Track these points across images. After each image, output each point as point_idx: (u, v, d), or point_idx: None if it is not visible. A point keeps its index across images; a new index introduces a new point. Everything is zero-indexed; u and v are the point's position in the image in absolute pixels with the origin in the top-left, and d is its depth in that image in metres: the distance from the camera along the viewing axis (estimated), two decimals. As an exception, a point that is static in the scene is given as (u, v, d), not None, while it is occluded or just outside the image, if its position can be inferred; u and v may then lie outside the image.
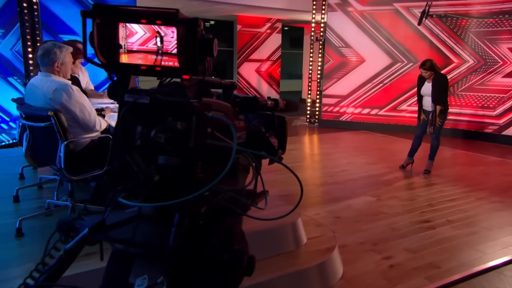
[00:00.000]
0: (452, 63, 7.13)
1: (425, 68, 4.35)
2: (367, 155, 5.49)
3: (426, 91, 4.48)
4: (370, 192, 3.81)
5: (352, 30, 7.68)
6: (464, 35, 6.97)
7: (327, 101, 8.01)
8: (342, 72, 7.86)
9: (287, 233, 2.69)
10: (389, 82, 7.57)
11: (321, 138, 7.03)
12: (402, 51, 7.43)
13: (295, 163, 4.88)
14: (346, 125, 7.81)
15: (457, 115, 7.20)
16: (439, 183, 4.25)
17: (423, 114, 4.58)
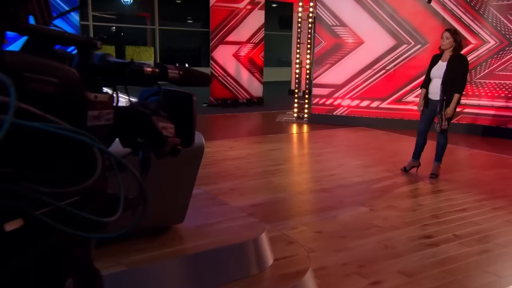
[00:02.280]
0: (469, 45, 7.09)
1: (450, 33, 4.25)
2: (363, 156, 5.53)
3: (437, 72, 4.34)
4: (362, 201, 3.80)
5: (349, 6, 7.65)
6: (483, 10, 6.93)
7: (318, 91, 7.98)
8: (336, 57, 7.83)
9: (247, 253, 2.56)
10: (393, 68, 7.54)
11: (310, 136, 7.11)
12: (408, 31, 7.38)
13: (274, 166, 4.88)
14: (341, 120, 7.82)
15: (474, 107, 7.18)
16: (447, 190, 4.23)
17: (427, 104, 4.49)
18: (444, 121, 4.31)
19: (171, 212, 2.44)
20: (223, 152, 5.50)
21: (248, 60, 9.94)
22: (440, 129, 4.35)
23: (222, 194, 3.82)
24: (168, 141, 0.93)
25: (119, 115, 0.86)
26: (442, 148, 4.49)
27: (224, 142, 6.12)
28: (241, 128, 7.73)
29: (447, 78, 4.25)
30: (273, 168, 4.78)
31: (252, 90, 10.10)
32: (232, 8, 9.47)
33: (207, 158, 5.15)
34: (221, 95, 9.73)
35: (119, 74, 0.88)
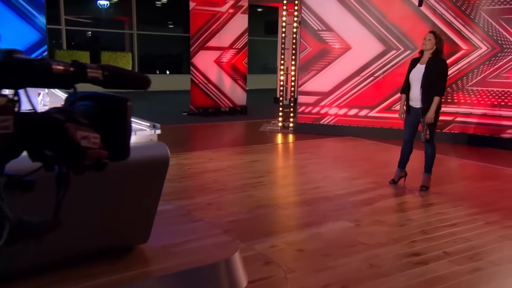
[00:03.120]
0: (460, 50, 7.15)
1: (434, 35, 4.32)
2: (350, 168, 5.55)
3: (416, 75, 4.39)
4: (347, 216, 3.77)
5: (335, 10, 7.68)
6: (474, 14, 7.01)
7: (304, 99, 7.98)
8: (323, 63, 7.84)
9: (218, 275, 2.48)
10: (382, 75, 7.58)
11: (295, 146, 7.14)
12: (397, 36, 7.42)
13: (255, 178, 4.84)
14: (328, 129, 7.84)
15: (466, 116, 7.20)
16: (437, 203, 4.20)
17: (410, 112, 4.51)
18: (426, 129, 4.31)
19: (133, 231, 2.32)
20: (202, 164, 5.44)
21: (231, 67, 9.96)
22: (424, 138, 4.36)
23: (197, 210, 3.75)
24: (89, 153, 0.82)
25: (22, 123, 0.75)
26: (430, 158, 4.49)
27: (204, 153, 6.07)
28: (223, 138, 7.69)
29: (426, 81, 4.29)
30: (254, 181, 4.73)
31: (235, 98, 10.10)
32: (214, 12, 9.49)
33: (184, 171, 5.12)
34: (202, 103, 9.69)
35: (25, 73, 0.77)
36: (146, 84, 1.00)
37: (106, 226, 2.12)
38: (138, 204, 2.23)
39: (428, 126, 4.31)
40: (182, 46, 9.82)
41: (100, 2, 14.55)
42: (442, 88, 4.32)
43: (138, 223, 2.29)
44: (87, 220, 1.99)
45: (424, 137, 4.35)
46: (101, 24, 15.22)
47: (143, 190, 2.21)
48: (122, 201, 2.15)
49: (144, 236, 2.37)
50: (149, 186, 2.23)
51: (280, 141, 7.35)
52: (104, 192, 2.02)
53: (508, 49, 6.80)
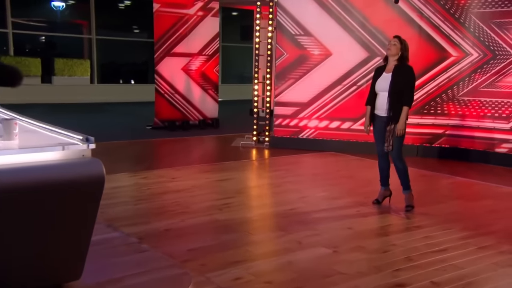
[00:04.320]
0: (449, 57, 7.22)
1: (399, 39, 4.39)
2: (330, 186, 5.52)
3: (382, 84, 4.46)
4: (324, 242, 3.70)
5: (314, 13, 7.70)
6: (464, 18, 7.10)
7: (281, 111, 7.96)
8: (301, 71, 7.84)
9: None
10: (366, 84, 7.58)
11: (270, 163, 7.11)
12: (381, 42, 7.45)
13: (223, 199, 4.78)
14: (307, 144, 7.82)
15: (457, 129, 7.24)
16: (425, 226, 4.15)
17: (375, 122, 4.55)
18: (391, 140, 4.35)
19: (61, 266, 2.12)
20: (163, 184, 5.33)
21: (201, 75, 9.95)
22: (387, 149, 4.39)
23: (151, 237, 3.62)
24: None
25: None
26: (404, 174, 4.51)
27: (166, 171, 5.98)
28: (189, 154, 7.58)
29: (393, 90, 4.35)
30: (220, 203, 4.64)
31: (205, 110, 10.08)
32: (180, 15, 9.47)
33: (142, 191, 5.01)
34: (168, 115, 9.61)
35: None
36: (15, 79, 0.85)
37: (27, 261, 1.91)
38: (67, 234, 2.04)
39: (394, 138, 4.35)
40: (148, 53, 9.76)
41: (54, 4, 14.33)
42: (411, 97, 4.39)
43: (67, 256, 2.09)
44: (1, 255, 1.79)
45: (386, 148, 4.39)
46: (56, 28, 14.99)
47: (73, 216, 2.02)
48: (46, 231, 1.95)
49: (75, 272, 2.18)
50: (80, 212, 2.04)
51: (254, 158, 7.33)
52: (22, 220, 1.83)
53: (500, 56, 6.88)
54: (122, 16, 16.43)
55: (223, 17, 17.77)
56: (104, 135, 8.58)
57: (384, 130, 4.44)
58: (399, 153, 4.43)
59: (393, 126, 4.34)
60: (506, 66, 6.82)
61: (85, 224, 2.07)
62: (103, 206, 4.33)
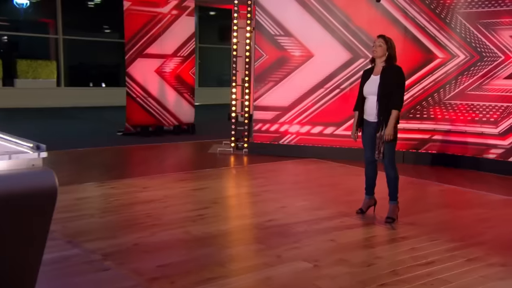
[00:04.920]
0: (435, 59, 7.28)
1: (384, 39, 4.36)
2: (311, 195, 5.50)
3: (370, 87, 4.44)
4: (305, 255, 3.66)
5: (294, 12, 7.72)
6: (450, 18, 7.18)
7: (261, 115, 7.95)
8: (281, 73, 7.85)
9: None
10: (349, 86, 7.63)
11: (249, 170, 7.08)
12: (365, 43, 7.51)
13: (197, 210, 4.71)
14: (288, 150, 7.83)
15: (444, 133, 7.30)
16: (411, 237, 4.14)
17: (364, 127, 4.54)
18: (381, 147, 4.32)
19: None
20: (133, 194, 5.24)
21: (176, 78, 9.91)
22: (377, 157, 4.37)
23: (117, 253, 3.53)
24: None
25: None
26: (394, 183, 4.48)
27: (137, 180, 5.90)
28: (163, 162, 7.50)
29: (382, 93, 4.32)
30: (195, 214, 4.57)
31: (181, 114, 10.03)
32: (153, 13, 9.43)
33: (109, 203, 4.92)
34: (140, 121, 9.54)
35: None
36: None
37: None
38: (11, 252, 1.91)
39: (385, 144, 4.32)
40: (120, 55, 9.71)
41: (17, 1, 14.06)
42: (400, 100, 4.37)
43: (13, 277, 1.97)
44: None
45: (377, 156, 4.37)
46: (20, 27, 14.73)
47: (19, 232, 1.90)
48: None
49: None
50: (27, 227, 1.92)
51: (232, 165, 7.31)
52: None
53: (488, 58, 6.96)
54: (92, 14, 16.27)
55: (200, 16, 17.77)
56: (71, 142, 8.48)
57: (373, 136, 4.42)
58: (392, 160, 4.40)
59: (383, 132, 4.31)
60: (494, 68, 6.90)
61: (34, 241, 1.95)
62: (64, 220, 4.27)
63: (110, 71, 16.86)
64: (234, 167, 7.20)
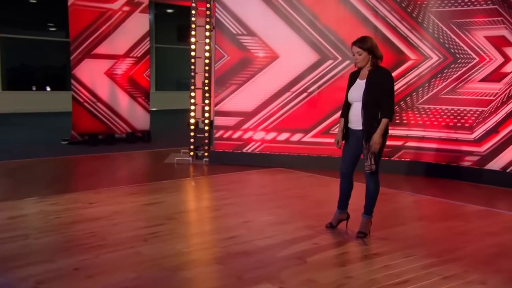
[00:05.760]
0: (407, 61, 7.36)
1: (360, 46, 4.30)
2: (277, 209, 5.47)
3: (356, 93, 4.40)
4: (269, 276, 3.61)
5: (257, 10, 7.72)
6: (422, 17, 7.29)
7: (222, 121, 7.93)
8: (244, 75, 7.82)
9: None
10: (317, 90, 7.66)
11: (210, 181, 7.09)
12: (334, 43, 7.54)
13: (149, 228, 4.62)
14: (252, 159, 7.85)
15: (417, 140, 7.37)
16: (385, 253, 4.12)
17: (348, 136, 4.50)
18: (371, 158, 4.26)
19: None
20: (76, 211, 5.09)
21: (128, 81, 9.83)
22: (369, 169, 4.30)
23: (54, 280, 3.37)
24: None
25: None
26: (373, 196, 4.46)
27: (83, 195, 5.76)
28: (113, 173, 7.38)
29: (368, 100, 4.27)
30: (147, 232, 4.47)
31: (134, 121, 9.94)
32: (102, 10, 9.32)
33: (48, 221, 4.75)
34: (88, 128, 9.39)
35: None
36: None
37: None
38: None
39: (373, 154, 4.26)
40: (67, 55, 9.56)
41: None
42: (390, 107, 4.29)
43: None
44: None
45: (369, 169, 4.29)
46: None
47: None
48: None
49: None
50: None
51: (191, 176, 7.25)
52: None
53: (462, 59, 7.08)
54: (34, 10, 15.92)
55: (156, 15, 17.64)
56: (7, 153, 8.22)
57: (357, 147, 4.37)
58: (375, 172, 4.34)
59: (369, 144, 4.23)
60: (468, 71, 7.02)
61: None
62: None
63: (56, 73, 16.66)
64: (193, 178, 7.13)
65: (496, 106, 6.75)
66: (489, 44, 6.83)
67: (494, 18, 6.73)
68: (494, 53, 6.76)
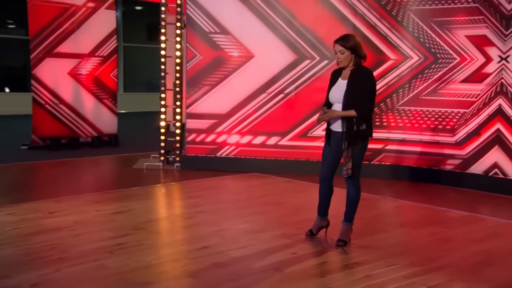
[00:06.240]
0: (387, 61, 7.41)
1: (342, 44, 4.28)
2: (253, 216, 5.48)
3: (337, 93, 4.39)
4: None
5: (232, 7, 7.72)
6: (402, 16, 7.34)
7: (195, 124, 7.91)
8: (218, 76, 7.80)
9: None
10: (294, 91, 7.66)
11: (182, 188, 7.10)
12: (311, 42, 7.56)
13: (116, 239, 4.55)
14: (226, 164, 7.85)
15: (398, 143, 7.41)
16: (366, 262, 4.12)
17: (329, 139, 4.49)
18: (349, 161, 4.26)
19: None
20: (35, 221, 5.00)
21: (94, 81, 9.75)
22: (347, 173, 4.31)
23: None
24: None
25: None
26: (353, 202, 4.46)
27: (43, 204, 5.67)
28: (77, 180, 7.28)
29: (349, 101, 4.26)
30: (112, 243, 4.39)
31: (100, 124, 9.87)
32: (64, 6, 9.24)
33: (3, 233, 4.65)
34: (50, 132, 9.29)
35: None
36: None
37: None
38: None
39: (353, 159, 4.25)
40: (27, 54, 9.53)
41: None
42: (367, 107, 4.27)
43: None
44: None
45: (346, 173, 4.29)
46: None
47: None
48: None
49: None
50: None
51: (161, 182, 7.23)
52: None
53: (443, 60, 7.14)
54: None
55: (125, 12, 17.52)
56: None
57: (338, 150, 4.36)
58: (356, 175, 4.33)
59: (351, 148, 4.22)
60: (449, 71, 7.09)
61: None
62: None
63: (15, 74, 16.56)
64: (164, 184, 7.10)
65: (478, 108, 6.83)
66: (470, 43, 6.91)
67: (475, 17, 6.81)
68: (475, 53, 6.83)
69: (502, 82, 6.59)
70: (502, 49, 6.59)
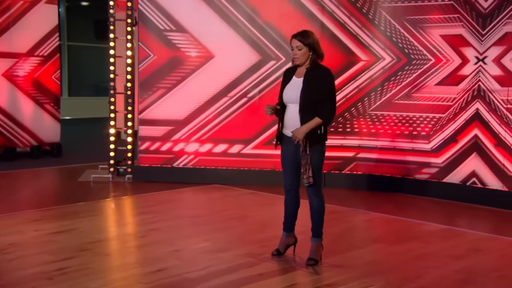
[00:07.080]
0: (358, 62, 7.48)
1: (301, 39, 4.28)
2: (214, 233, 5.49)
3: (292, 93, 4.37)
4: None
5: (189, 2, 7.75)
6: (373, 13, 7.44)
7: (148, 131, 7.91)
8: (174, 78, 7.80)
9: None
10: (258, 95, 7.68)
11: (134, 202, 7.11)
12: (276, 41, 7.58)
13: (57, 262, 4.46)
14: (184, 175, 7.86)
15: (371, 150, 7.48)
16: (339, 283, 4.10)
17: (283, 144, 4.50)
18: (309, 168, 4.23)
19: None
20: None
21: (33, 84, 9.66)
22: (307, 182, 4.28)
23: None
24: None
25: None
26: (318, 214, 4.44)
27: None
28: (13, 196, 7.12)
29: (305, 100, 4.24)
30: (53, 268, 4.28)
31: (41, 132, 9.79)
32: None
33: None
34: None
35: None
36: None
37: None
38: None
39: (312, 165, 4.22)
40: None
41: None
42: (328, 109, 4.27)
43: None
44: None
45: (307, 181, 4.27)
46: None
47: None
48: None
49: None
50: None
51: (110, 196, 7.22)
52: None
53: (417, 61, 7.24)
54: None
55: (69, 8, 17.33)
56: None
57: (296, 156, 4.34)
58: (318, 187, 4.33)
59: (309, 154, 4.20)
60: (424, 73, 7.19)
61: None
62: None
63: None
64: (114, 199, 7.04)
65: (454, 113, 6.96)
66: (445, 43, 7.04)
67: (450, 15, 6.94)
68: (451, 54, 6.95)
69: (479, 85, 6.72)
70: (479, 49, 6.72)
